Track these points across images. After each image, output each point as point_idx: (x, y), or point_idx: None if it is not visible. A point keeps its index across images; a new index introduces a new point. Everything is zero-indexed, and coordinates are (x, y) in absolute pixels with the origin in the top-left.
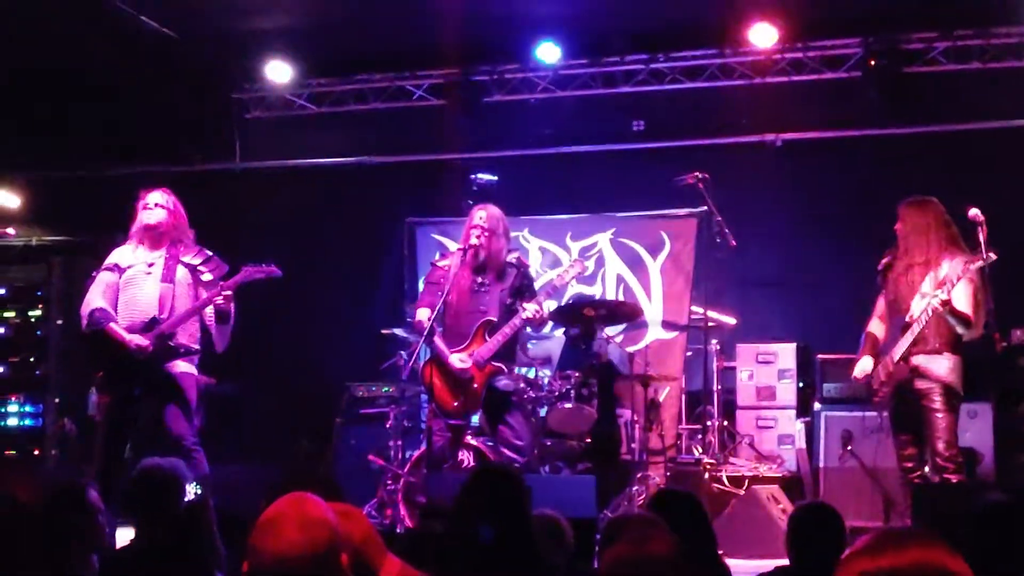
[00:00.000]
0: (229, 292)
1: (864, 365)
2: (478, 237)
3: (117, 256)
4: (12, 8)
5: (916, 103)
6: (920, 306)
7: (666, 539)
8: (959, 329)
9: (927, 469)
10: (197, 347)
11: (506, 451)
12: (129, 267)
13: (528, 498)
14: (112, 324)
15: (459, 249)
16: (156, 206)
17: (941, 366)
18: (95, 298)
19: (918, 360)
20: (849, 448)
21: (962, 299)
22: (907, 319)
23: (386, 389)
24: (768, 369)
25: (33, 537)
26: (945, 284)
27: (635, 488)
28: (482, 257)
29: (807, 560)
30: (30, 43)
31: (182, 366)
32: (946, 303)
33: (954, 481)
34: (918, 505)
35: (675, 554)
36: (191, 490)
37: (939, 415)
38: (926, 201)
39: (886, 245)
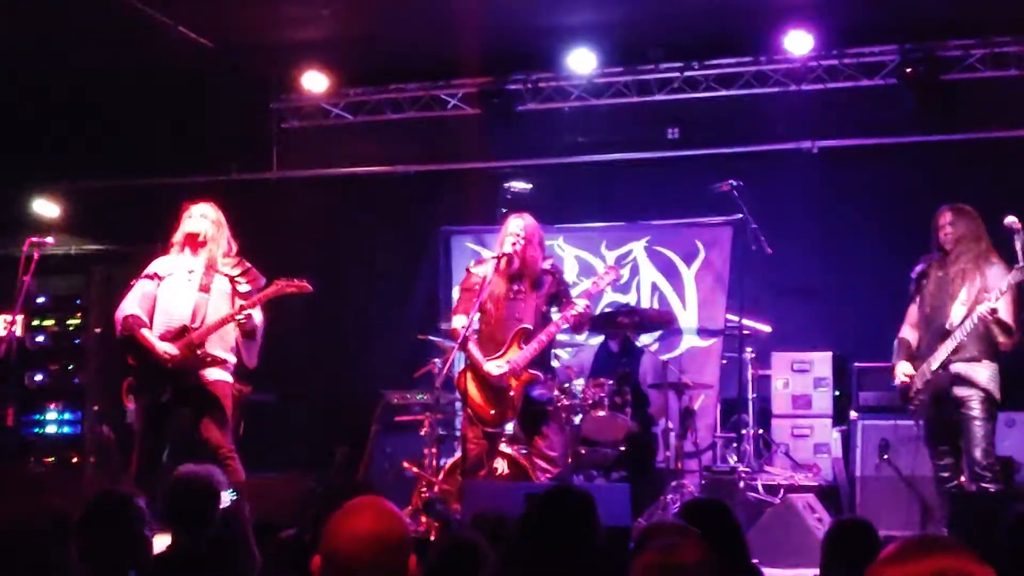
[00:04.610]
0: (249, 312)
1: (905, 368)
2: (513, 245)
3: (157, 265)
4: (49, 19)
5: (953, 110)
6: (960, 314)
7: (697, 547)
8: (1000, 338)
9: (964, 478)
10: (223, 357)
11: (539, 461)
12: (169, 275)
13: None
14: (143, 330)
15: (494, 257)
16: (200, 216)
17: (981, 374)
18: (130, 305)
19: (958, 368)
20: (886, 457)
21: (1006, 308)
22: (947, 327)
23: (421, 396)
24: (804, 377)
25: (69, 547)
26: (991, 292)
27: (670, 496)
28: (516, 265)
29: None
30: (67, 53)
31: (217, 374)
32: (993, 311)
33: (991, 490)
34: (955, 514)
35: (706, 563)
36: (226, 497)
37: (978, 423)
38: (971, 209)
39: (923, 252)
